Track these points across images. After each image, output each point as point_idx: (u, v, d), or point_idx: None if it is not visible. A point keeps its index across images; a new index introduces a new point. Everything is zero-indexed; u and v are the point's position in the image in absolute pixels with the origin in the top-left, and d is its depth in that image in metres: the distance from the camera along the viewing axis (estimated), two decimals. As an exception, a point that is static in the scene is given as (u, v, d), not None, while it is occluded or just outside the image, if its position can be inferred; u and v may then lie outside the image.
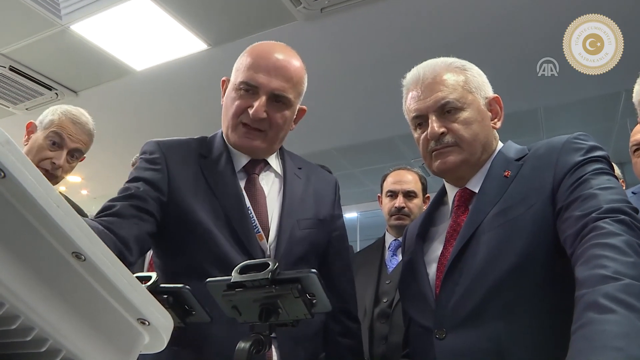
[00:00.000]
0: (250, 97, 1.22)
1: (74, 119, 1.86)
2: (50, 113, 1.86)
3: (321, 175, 1.44)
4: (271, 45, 1.29)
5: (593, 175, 0.99)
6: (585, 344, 0.70)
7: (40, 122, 1.86)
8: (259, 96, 1.21)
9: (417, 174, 2.49)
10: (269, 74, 1.21)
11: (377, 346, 2.11)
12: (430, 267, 1.16)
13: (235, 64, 1.29)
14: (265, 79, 1.21)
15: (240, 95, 1.23)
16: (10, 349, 0.46)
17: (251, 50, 1.28)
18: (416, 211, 2.37)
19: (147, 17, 3.09)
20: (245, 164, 1.30)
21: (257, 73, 1.21)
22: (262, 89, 1.21)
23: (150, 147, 1.28)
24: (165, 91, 3.99)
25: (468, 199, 1.19)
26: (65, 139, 1.82)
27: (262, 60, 1.23)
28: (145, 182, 1.18)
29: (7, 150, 0.38)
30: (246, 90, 1.22)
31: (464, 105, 1.16)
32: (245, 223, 1.19)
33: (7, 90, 3.88)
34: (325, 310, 0.79)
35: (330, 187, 1.43)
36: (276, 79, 1.22)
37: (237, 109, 1.24)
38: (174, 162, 1.24)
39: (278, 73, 1.22)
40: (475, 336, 1.00)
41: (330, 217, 1.37)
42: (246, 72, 1.22)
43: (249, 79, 1.22)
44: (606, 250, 0.82)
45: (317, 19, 3.14)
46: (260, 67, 1.22)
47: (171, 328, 0.55)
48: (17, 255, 0.42)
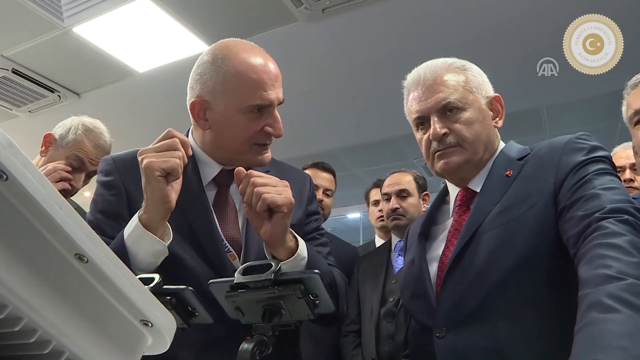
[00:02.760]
0: (262, 117, 1.15)
1: (96, 141, 1.82)
2: (72, 131, 1.80)
3: (291, 176, 1.33)
4: (259, 53, 1.18)
5: (596, 176, 0.99)
6: (589, 343, 0.70)
7: (61, 138, 1.80)
8: (272, 112, 1.16)
9: (412, 175, 2.53)
10: (274, 87, 1.15)
11: (384, 345, 2.14)
12: (431, 265, 1.16)
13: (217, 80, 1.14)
14: (274, 94, 1.15)
15: (253, 118, 1.14)
16: (14, 351, 0.46)
17: (246, 66, 1.13)
18: (411, 210, 2.40)
19: (149, 19, 3.10)
20: (216, 175, 1.22)
21: (267, 91, 1.14)
22: (274, 104, 1.16)
23: (105, 166, 1.21)
24: (167, 93, 3.99)
25: (470, 198, 1.19)
26: (86, 164, 1.80)
27: (266, 75, 1.14)
28: (104, 215, 1.15)
29: (10, 152, 0.39)
30: (258, 111, 1.14)
31: (465, 106, 1.16)
32: (215, 242, 1.13)
33: (10, 92, 3.89)
34: (328, 311, 0.79)
35: (302, 184, 1.35)
36: (279, 88, 1.18)
37: (252, 133, 1.15)
38: (131, 180, 1.14)
39: (278, 81, 1.17)
40: (476, 335, 1.00)
41: (305, 216, 1.30)
42: (256, 93, 1.13)
43: (262, 100, 1.13)
44: (610, 250, 0.82)
45: (318, 19, 3.14)
46: (267, 84, 1.14)
47: (174, 329, 0.55)
48: (20, 257, 0.42)
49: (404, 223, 2.33)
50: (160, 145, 1.03)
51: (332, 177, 2.67)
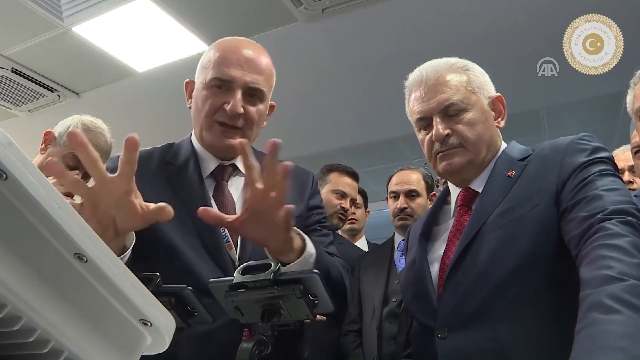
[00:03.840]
0: (224, 94, 1.17)
1: (94, 141, 1.79)
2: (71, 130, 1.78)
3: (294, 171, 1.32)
4: (238, 40, 1.25)
5: (598, 177, 0.99)
6: (590, 344, 0.70)
7: (60, 137, 1.81)
8: (234, 91, 1.17)
9: (421, 173, 2.50)
10: (242, 68, 1.17)
11: (386, 346, 2.12)
12: (432, 266, 1.16)
13: (201, 61, 1.25)
14: (239, 73, 1.17)
15: (213, 93, 1.18)
16: (13, 350, 0.46)
17: (219, 45, 1.23)
18: (419, 211, 2.37)
19: (149, 18, 3.10)
20: (214, 169, 1.25)
21: (229, 68, 1.17)
22: (236, 83, 1.17)
23: (111, 164, 1.21)
24: (167, 92, 3.98)
25: (471, 198, 1.19)
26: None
27: (233, 55, 1.18)
28: None
29: (9, 152, 0.39)
30: (219, 87, 1.17)
31: (467, 106, 1.16)
32: (214, 233, 1.14)
33: (10, 92, 3.89)
34: (327, 311, 0.79)
35: (304, 180, 1.35)
36: (249, 72, 1.18)
37: (210, 108, 1.18)
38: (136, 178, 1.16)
39: (250, 66, 1.18)
40: (478, 336, 1.00)
41: (306, 211, 1.30)
42: (217, 68, 1.18)
43: (221, 74, 1.17)
44: (612, 251, 0.82)
45: (318, 19, 3.14)
46: (232, 62, 1.17)
47: (173, 329, 0.55)
48: (19, 257, 0.42)
49: (412, 223, 2.32)
50: None
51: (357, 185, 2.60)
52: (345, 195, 2.51)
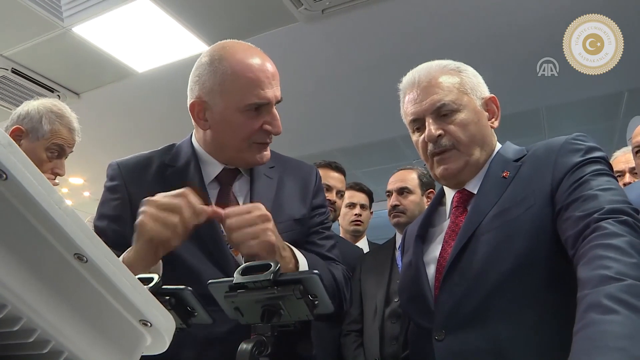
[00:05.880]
0: (260, 115, 1.17)
1: (69, 125, 1.84)
2: (46, 121, 1.77)
3: (297, 169, 1.37)
4: (256, 53, 1.20)
5: (593, 176, 0.99)
6: (588, 345, 0.70)
7: (35, 130, 1.77)
8: (270, 110, 1.17)
9: (417, 172, 2.53)
10: (272, 85, 1.17)
11: (388, 346, 2.12)
12: (429, 268, 1.16)
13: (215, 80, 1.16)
14: (271, 92, 1.17)
15: (250, 116, 1.16)
16: (13, 351, 0.46)
17: (243, 66, 1.15)
18: (412, 207, 2.41)
19: (149, 19, 3.10)
20: (219, 173, 1.24)
21: (264, 90, 1.15)
22: (272, 103, 1.17)
23: (110, 171, 1.25)
24: (167, 93, 3.98)
25: (466, 200, 1.19)
26: (65, 149, 1.83)
27: (263, 74, 1.16)
28: (109, 219, 1.18)
29: (9, 152, 0.39)
30: (256, 109, 1.16)
31: (459, 107, 1.17)
32: (217, 240, 1.14)
33: (9, 92, 3.89)
34: (327, 311, 0.79)
35: (308, 177, 1.35)
36: (277, 87, 1.19)
37: (250, 131, 1.17)
38: (134, 184, 1.19)
39: (275, 80, 1.19)
40: (475, 337, 1.00)
41: (309, 211, 1.30)
42: (253, 92, 1.14)
43: (259, 98, 1.15)
44: (609, 251, 0.81)
45: (318, 20, 3.14)
46: (264, 83, 1.16)
47: (173, 329, 0.55)
48: (19, 257, 0.42)
49: (405, 220, 2.33)
50: (165, 202, 0.96)
51: (344, 177, 2.69)
52: (330, 188, 2.55)
